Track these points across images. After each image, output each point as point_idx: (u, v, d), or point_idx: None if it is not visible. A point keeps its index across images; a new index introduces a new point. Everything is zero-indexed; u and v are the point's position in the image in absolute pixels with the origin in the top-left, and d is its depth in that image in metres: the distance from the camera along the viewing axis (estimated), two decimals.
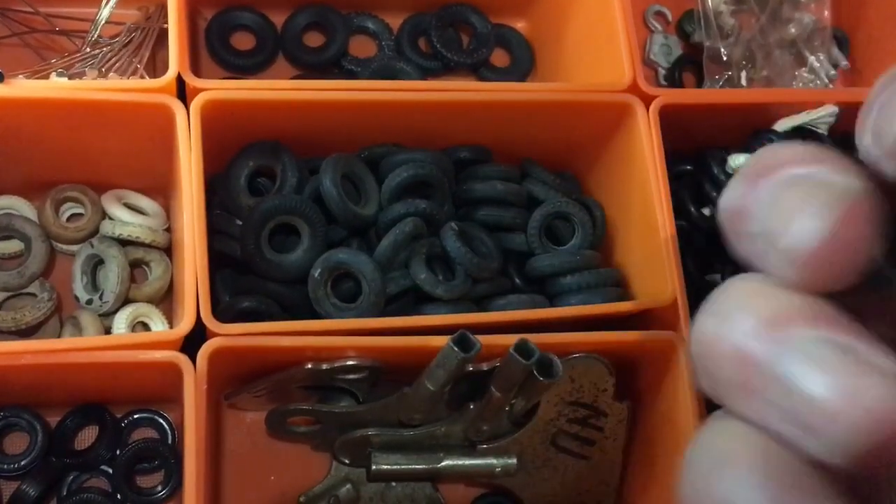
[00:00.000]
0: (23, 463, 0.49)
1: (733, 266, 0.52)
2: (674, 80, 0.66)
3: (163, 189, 0.56)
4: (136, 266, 0.54)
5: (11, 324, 0.50)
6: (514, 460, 0.50)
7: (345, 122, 0.51)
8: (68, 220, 0.55)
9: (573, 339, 0.47)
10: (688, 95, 0.59)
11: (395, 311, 0.49)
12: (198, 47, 0.61)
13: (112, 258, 0.52)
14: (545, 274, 0.52)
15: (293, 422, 0.50)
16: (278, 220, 0.49)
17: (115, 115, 0.47)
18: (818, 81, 0.65)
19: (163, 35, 0.57)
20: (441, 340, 0.43)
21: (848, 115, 0.56)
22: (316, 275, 0.48)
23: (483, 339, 0.42)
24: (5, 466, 0.49)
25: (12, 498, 0.49)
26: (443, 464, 0.49)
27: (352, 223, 0.50)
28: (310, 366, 0.45)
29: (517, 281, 0.53)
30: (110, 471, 0.51)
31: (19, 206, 0.54)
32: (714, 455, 0.20)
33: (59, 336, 0.52)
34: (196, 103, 0.46)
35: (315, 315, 0.48)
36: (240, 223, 0.50)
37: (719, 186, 0.55)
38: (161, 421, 0.53)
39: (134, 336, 0.49)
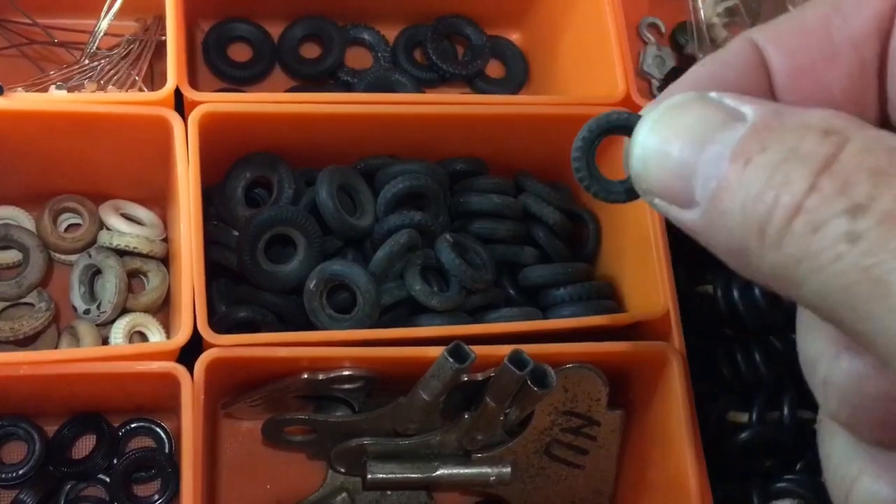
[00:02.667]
0: (21, 472, 0.49)
1: (725, 276, 0.53)
2: None
3: (159, 200, 0.56)
4: (133, 276, 0.55)
5: (9, 333, 0.51)
6: (509, 469, 0.50)
7: (341, 134, 0.52)
8: (66, 230, 0.55)
9: (567, 349, 0.48)
10: None
11: (390, 322, 0.49)
12: (195, 58, 0.61)
13: (109, 268, 0.53)
14: (537, 285, 0.53)
15: (289, 431, 0.51)
16: (274, 231, 0.50)
17: (114, 127, 0.48)
18: None
19: (160, 46, 0.57)
20: (436, 351, 0.44)
21: None
22: (311, 286, 0.49)
23: (477, 350, 0.43)
24: (4, 475, 0.49)
25: None
26: (438, 472, 0.50)
27: (347, 234, 0.51)
28: (306, 376, 0.46)
29: (511, 292, 0.53)
30: (107, 479, 0.51)
31: (17, 216, 0.55)
32: None
33: (56, 345, 0.52)
34: (194, 116, 0.47)
35: (311, 325, 0.49)
36: (236, 234, 0.50)
37: None
38: (157, 430, 0.53)
39: (132, 347, 0.50)
